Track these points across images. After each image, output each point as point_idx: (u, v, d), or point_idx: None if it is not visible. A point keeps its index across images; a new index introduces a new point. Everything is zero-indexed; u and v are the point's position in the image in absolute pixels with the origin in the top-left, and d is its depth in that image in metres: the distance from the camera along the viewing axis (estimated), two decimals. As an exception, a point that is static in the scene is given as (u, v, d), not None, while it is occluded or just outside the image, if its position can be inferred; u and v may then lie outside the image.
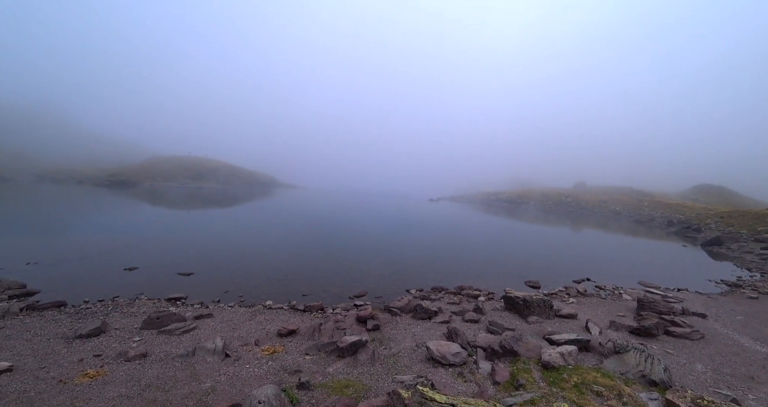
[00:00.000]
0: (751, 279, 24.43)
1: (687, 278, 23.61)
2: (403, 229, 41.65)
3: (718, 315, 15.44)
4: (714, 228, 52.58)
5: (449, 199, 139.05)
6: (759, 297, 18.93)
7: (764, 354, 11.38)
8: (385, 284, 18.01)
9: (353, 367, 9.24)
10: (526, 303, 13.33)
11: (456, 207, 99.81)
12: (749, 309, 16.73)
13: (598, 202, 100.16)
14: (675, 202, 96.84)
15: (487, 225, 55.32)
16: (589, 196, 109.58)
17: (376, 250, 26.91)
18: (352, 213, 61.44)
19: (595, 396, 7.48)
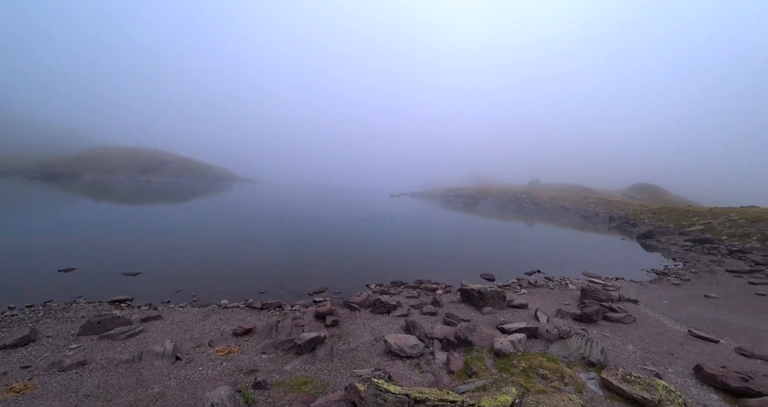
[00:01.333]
0: (675, 267, 27.20)
1: (623, 268, 25.78)
2: (364, 224, 41.80)
3: (648, 300, 17.04)
4: (647, 223, 57.75)
5: (410, 195, 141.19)
6: (681, 284, 21.14)
7: (682, 333, 12.76)
8: (345, 279, 18.01)
9: (311, 364, 9.19)
10: (481, 295, 13.94)
11: (416, 202, 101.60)
12: (673, 294, 18.65)
13: (550, 199, 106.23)
14: (616, 199, 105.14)
15: (446, 221, 56.85)
16: (542, 193, 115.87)
17: (337, 246, 26.80)
18: (313, 208, 60.61)
19: (540, 379, 8.02)
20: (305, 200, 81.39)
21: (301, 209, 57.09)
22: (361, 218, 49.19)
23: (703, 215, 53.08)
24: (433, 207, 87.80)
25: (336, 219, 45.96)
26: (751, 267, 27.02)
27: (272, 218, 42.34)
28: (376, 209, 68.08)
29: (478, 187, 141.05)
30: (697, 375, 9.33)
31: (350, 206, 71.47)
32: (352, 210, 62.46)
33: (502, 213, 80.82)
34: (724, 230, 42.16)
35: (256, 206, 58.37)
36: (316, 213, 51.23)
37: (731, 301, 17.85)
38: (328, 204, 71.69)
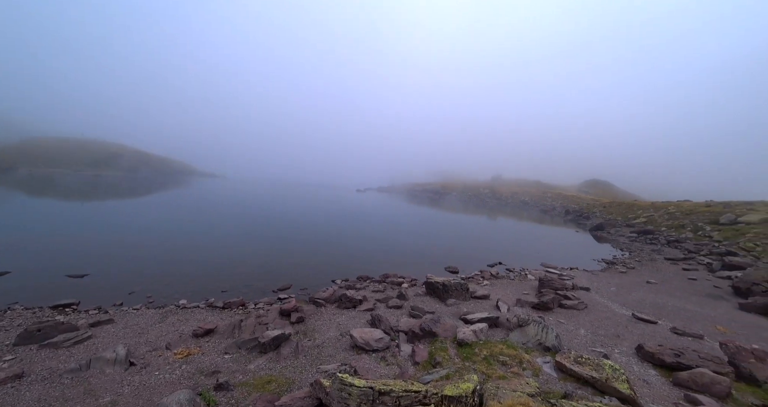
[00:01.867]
0: (622, 257, 29.39)
1: (577, 258, 27.46)
2: (330, 220, 41.47)
3: (598, 287, 18.30)
4: (598, 216, 61.75)
5: (376, 190, 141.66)
6: (627, 272, 22.88)
7: (627, 317, 13.86)
8: (311, 275, 17.82)
9: (276, 362, 9.06)
10: (445, 287, 14.33)
11: (383, 197, 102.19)
12: (620, 281, 20.16)
13: (512, 194, 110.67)
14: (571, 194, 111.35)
15: (411, 215, 57.63)
16: (504, 188, 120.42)
17: (302, 242, 26.41)
18: (278, 203, 59.23)
19: (501, 366, 8.41)
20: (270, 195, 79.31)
21: (265, 205, 55.58)
22: (327, 213, 48.73)
23: (646, 208, 57.58)
24: (399, 201, 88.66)
25: (301, 214, 45.21)
26: (684, 255, 29.72)
27: (235, 214, 40.88)
28: (343, 204, 67.73)
29: (443, 182, 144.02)
30: (639, 353, 10.19)
31: (316, 201, 70.57)
32: (318, 205, 61.71)
33: (466, 207, 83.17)
34: (663, 222, 46.00)
35: (219, 202, 56.10)
36: (281, 209, 50.11)
37: (668, 286, 19.57)
38: (293, 200, 70.36)
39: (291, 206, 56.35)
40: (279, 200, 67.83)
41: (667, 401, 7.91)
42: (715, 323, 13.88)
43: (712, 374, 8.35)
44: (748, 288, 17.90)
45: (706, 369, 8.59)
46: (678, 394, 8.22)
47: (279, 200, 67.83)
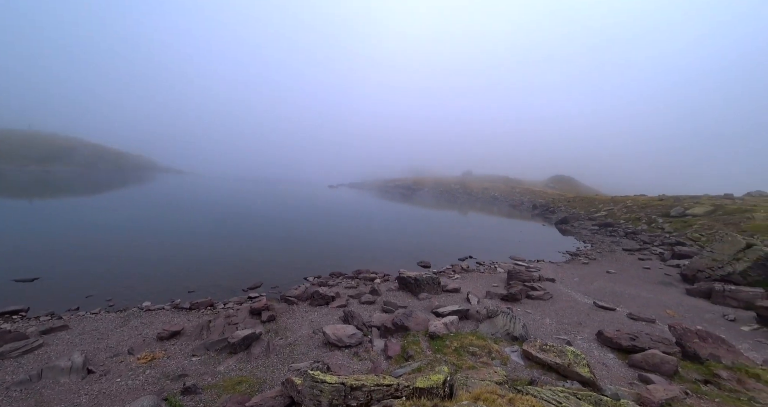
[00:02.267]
0: (585, 249, 30.93)
1: (544, 251, 28.62)
2: (302, 216, 40.88)
3: (563, 278, 19.17)
4: (563, 210, 64.53)
5: (348, 186, 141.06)
6: (589, 263, 24.12)
7: (589, 305, 14.64)
8: (282, 273, 17.52)
9: (246, 362, 8.88)
10: (417, 281, 14.53)
11: (355, 193, 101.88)
12: (582, 272, 21.22)
13: (482, 189, 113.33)
14: (538, 189, 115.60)
15: (384, 211, 57.87)
16: (474, 184, 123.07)
17: (273, 239, 25.89)
18: (247, 200, 57.66)
19: (470, 356, 8.66)
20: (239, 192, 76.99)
21: (234, 201, 53.90)
22: (299, 210, 48.01)
23: (606, 203, 60.80)
24: (371, 197, 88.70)
25: (272, 211, 44.25)
26: (640, 245, 31.70)
27: (202, 211, 39.38)
28: (315, 200, 66.95)
29: (415, 178, 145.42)
30: (599, 339, 10.81)
31: (287, 198, 69.31)
32: (289, 201, 60.65)
33: (437, 202, 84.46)
34: (622, 215, 48.76)
35: (184, 198, 53.82)
36: (250, 206, 48.78)
37: (625, 275, 20.82)
38: (263, 196, 68.70)
39: (261, 203, 55.02)
40: (248, 196, 66.00)
41: (623, 381, 8.46)
42: (666, 308, 14.94)
43: (662, 354, 9.00)
44: (694, 275, 19.37)
45: (657, 351, 9.25)
46: (633, 374, 8.81)
47: (248, 196, 66.00)
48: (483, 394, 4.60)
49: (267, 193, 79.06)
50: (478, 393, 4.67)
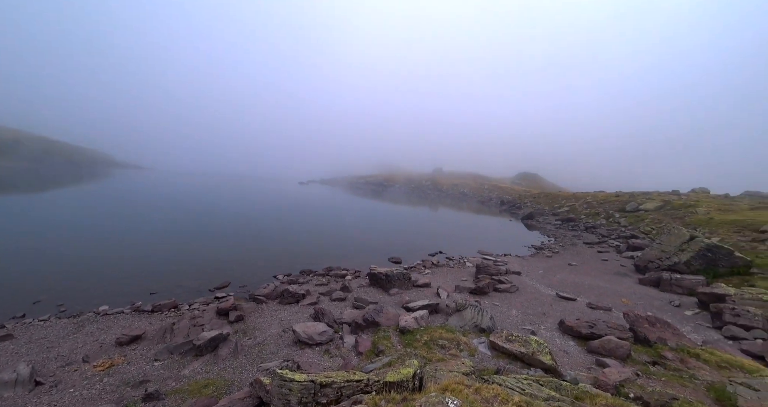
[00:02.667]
0: (549, 242, 32.33)
1: (511, 245, 29.63)
2: (272, 213, 39.97)
3: (528, 271, 19.94)
4: (529, 206, 67.03)
5: (319, 182, 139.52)
6: (552, 256, 25.24)
7: (552, 296, 15.33)
8: (251, 272, 17.10)
9: (213, 364, 8.62)
10: (388, 277, 14.64)
11: (326, 189, 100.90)
12: (546, 264, 22.17)
13: (452, 186, 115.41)
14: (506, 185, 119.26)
15: (355, 207, 57.71)
16: (444, 180, 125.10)
17: (241, 237, 25.17)
18: (214, 197, 55.60)
19: (440, 349, 8.85)
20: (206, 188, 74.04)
21: (201, 198, 51.77)
22: (268, 207, 46.88)
23: (569, 199, 63.76)
24: (342, 194, 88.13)
25: (240, 208, 42.87)
26: (599, 239, 33.55)
27: (164, 209, 37.53)
28: (285, 197, 65.61)
29: (386, 174, 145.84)
30: (561, 328, 11.36)
31: (257, 194, 67.48)
32: (259, 198, 59.07)
33: (408, 199, 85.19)
34: (582, 210, 51.33)
35: (145, 196, 51.03)
36: (218, 203, 47.04)
37: (586, 267, 21.97)
38: (231, 193, 66.45)
39: (229, 200, 53.20)
40: (216, 193, 63.67)
41: (583, 366, 8.95)
42: (621, 296, 15.92)
43: (617, 340, 9.60)
44: (645, 265, 20.76)
45: (613, 337, 9.86)
46: (591, 360, 9.34)
47: (216, 193, 63.67)
48: (450, 385, 4.72)
49: (236, 190, 76.61)
50: (446, 384, 4.79)
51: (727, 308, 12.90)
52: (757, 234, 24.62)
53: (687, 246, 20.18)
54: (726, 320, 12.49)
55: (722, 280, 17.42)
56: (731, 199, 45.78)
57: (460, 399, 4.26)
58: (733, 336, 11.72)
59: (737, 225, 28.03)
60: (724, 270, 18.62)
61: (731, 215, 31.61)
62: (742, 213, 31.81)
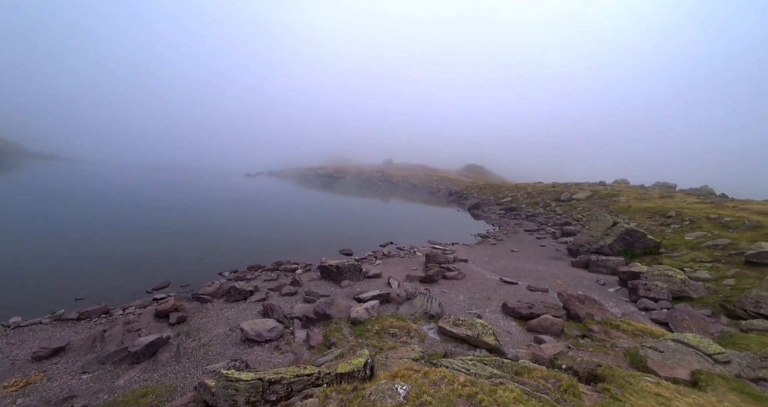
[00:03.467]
0: (493, 231, 34.20)
1: (458, 234, 30.89)
2: (216, 208, 37.69)
3: (474, 258, 20.96)
4: (475, 197, 70.21)
5: (267, 174, 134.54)
6: (497, 243, 26.76)
7: (496, 281, 16.30)
8: (194, 270, 16.09)
9: (153, 371, 8.05)
10: (339, 269, 14.59)
11: (274, 182, 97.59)
12: (491, 252, 23.47)
13: (402, 177, 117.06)
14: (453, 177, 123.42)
15: (305, 200, 56.50)
16: (395, 172, 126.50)
17: (182, 233, 23.50)
18: (152, 191, 51.13)
19: (391, 338, 9.03)
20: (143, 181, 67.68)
21: (136, 192, 47.26)
22: (213, 200, 44.13)
23: (511, 189, 67.71)
24: (291, 186, 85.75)
25: (182, 202, 39.87)
26: (538, 226, 36.14)
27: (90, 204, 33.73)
28: (231, 190, 62.22)
29: (337, 166, 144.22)
30: (504, 310, 12.13)
31: (200, 187, 63.23)
32: (203, 191, 55.42)
33: (359, 190, 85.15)
34: (523, 200, 54.86)
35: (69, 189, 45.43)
36: (156, 197, 43.30)
37: (526, 253, 23.61)
38: (173, 186, 61.52)
39: (169, 193, 49.26)
40: (154, 187, 58.54)
41: (523, 344, 9.66)
42: (556, 278, 17.35)
43: (552, 318, 10.47)
44: (577, 249, 22.81)
45: (549, 315, 10.73)
46: (530, 337, 10.10)
47: (154, 187, 58.54)
48: (400, 371, 4.85)
49: (177, 183, 71.05)
50: (395, 371, 4.91)
51: (641, 284, 14.63)
52: (665, 219, 28.06)
53: (611, 231, 22.46)
54: (640, 294, 14.18)
55: (638, 260, 19.70)
56: (645, 189, 51.60)
57: (409, 384, 4.39)
58: (645, 307, 13.34)
59: (650, 211, 31.70)
60: (640, 251, 21.05)
61: (645, 203, 35.64)
62: (653, 201, 36.00)
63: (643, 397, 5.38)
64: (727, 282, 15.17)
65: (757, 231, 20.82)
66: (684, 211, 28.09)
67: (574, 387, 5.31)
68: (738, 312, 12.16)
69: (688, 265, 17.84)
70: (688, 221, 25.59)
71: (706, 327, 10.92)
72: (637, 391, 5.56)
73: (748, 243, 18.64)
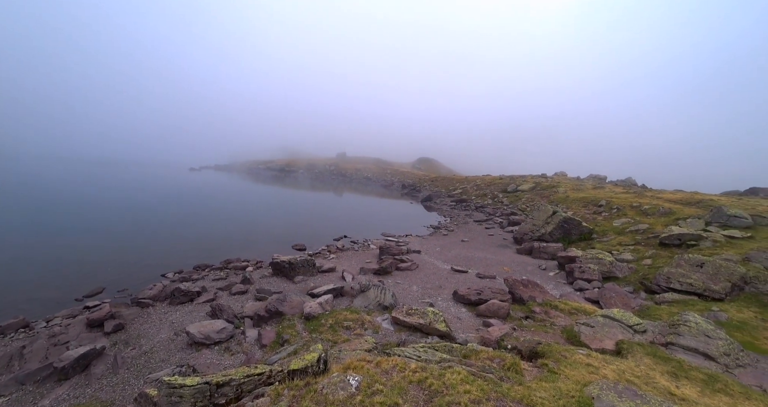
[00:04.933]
0: (445, 222, 35.36)
1: (411, 226, 31.51)
2: (157, 205, 34.96)
3: (427, 249, 21.54)
4: (428, 189, 71.97)
5: (214, 168, 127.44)
6: (448, 234, 27.71)
7: (448, 270, 16.91)
8: (133, 273, 14.88)
9: (85, 386, 7.39)
10: (292, 265, 14.29)
11: (221, 176, 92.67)
12: (443, 242, 24.26)
13: (356, 170, 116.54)
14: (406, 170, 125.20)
15: (255, 195, 54.37)
16: (348, 165, 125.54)
17: (118, 233, 21.55)
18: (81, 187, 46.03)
19: (345, 331, 9.06)
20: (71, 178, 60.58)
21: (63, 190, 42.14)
22: (153, 197, 40.80)
23: (461, 182, 70.31)
24: (240, 180, 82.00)
25: (117, 200, 36.25)
26: (486, 217, 37.95)
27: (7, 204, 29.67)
28: (173, 185, 57.95)
29: (289, 159, 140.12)
30: (455, 297, 12.65)
31: (138, 182, 58.21)
32: (141, 187, 50.98)
33: (312, 184, 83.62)
34: (473, 192, 57.22)
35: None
36: (86, 195, 38.97)
37: (475, 242, 24.70)
38: (105, 182, 55.78)
39: (101, 190, 44.58)
40: (83, 183, 52.71)
41: (473, 329, 10.16)
42: (503, 265, 18.39)
43: (499, 302, 11.11)
44: (521, 237, 24.32)
45: (496, 300, 11.37)
46: (479, 322, 10.64)
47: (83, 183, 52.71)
48: (353, 363, 4.89)
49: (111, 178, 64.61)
50: (348, 363, 4.94)
51: (576, 267, 15.99)
52: (597, 207, 30.80)
53: (551, 219, 24.18)
54: (575, 276, 15.49)
55: (574, 245, 21.45)
56: (581, 180, 56.16)
57: (361, 374, 4.44)
58: (580, 288, 14.61)
59: (584, 201, 34.61)
60: (576, 237, 22.92)
61: (581, 193, 38.82)
62: (587, 192, 39.31)
63: (575, 368, 5.91)
64: (645, 262, 17.05)
65: (669, 216, 23.58)
66: (612, 200, 31.00)
67: (516, 365, 5.70)
68: (654, 287, 13.76)
69: (616, 249, 19.78)
70: (615, 209, 28.27)
71: (629, 302, 12.22)
72: (570, 363, 6.10)
73: (662, 228, 21.06)
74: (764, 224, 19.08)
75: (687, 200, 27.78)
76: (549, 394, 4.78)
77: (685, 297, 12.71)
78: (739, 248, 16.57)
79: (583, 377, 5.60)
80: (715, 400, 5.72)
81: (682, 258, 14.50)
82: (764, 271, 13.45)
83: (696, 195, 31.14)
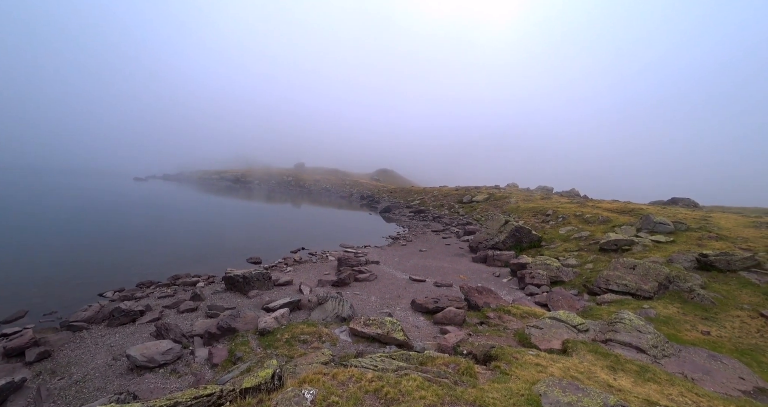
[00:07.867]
0: (403, 232, 35.83)
1: (370, 237, 31.55)
2: (95, 217, 32.03)
3: (386, 259, 21.65)
4: (386, 200, 72.77)
5: (162, 178, 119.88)
6: (406, 244, 28.09)
7: (406, 280, 17.11)
8: (63, 293, 13.42)
9: (0, 423, 6.53)
10: (246, 279, 13.73)
11: (170, 187, 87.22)
12: (401, 252, 24.54)
13: (314, 181, 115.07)
14: (365, 181, 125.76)
15: (208, 206, 51.65)
16: (307, 176, 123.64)
17: (45, 249, 19.35)
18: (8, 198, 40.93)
19: (302, 344, 8.83)
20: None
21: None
22: (90, 209, 37.27)
23: (420, 193, 71.89)
24: (191, 191, 77.58)
25: (48, 212, 32.64)
26: (443, 227, 39.01)
27: None
28: (114, 196, 53.39)
29: (244, 169, 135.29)
30: (413, 306, 12.81)
31: (72, 192, 52.97)
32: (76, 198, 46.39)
33: (269, 195, 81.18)
34: (431, 203, 58.69)
35: None
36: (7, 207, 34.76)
37: (433, 252, 25.25)
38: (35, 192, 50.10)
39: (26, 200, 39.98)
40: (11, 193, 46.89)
41: (430, 336, 10.32)
42: (459, 273, 18.95)
43: (455, 310, 11.41)
44: (476, 246, 25.25)
45: (452, 307, 11.67)
46: (436, 329, 10.85)
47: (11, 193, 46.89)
48: (308, 376, 4.79)
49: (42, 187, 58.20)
50: (303, 377, 4.83)
51: (527, 273, 16.87)
52: (545, 217, 32.86)
53: (503, 228, 25.39)
54: (526, 282, 16.33)
55: (525, 253, 22.65)
56: (530, 191, 59.70)
57: (317, 387, 4.37)
58: (531, 293, 15.42)
59: (534, 210, 36.76)
60: (526, 244, 24.22)
61: (530, 203, 41.21)
62: (536, 202, 41.82)
63: (525, 368, 6.22)
64: (587, 266, 18.41)
65: (607, 224, 25.73)
66: (558, 210, 33.23)
67: (471, 369, 5.89)
68: (595, 289, 14.87)
69: (562, 254, 21.16)
70: (561, 218, 30.31)
71: (574, 304, 13.08)
72: (521, 364, 6.41)
73: (602, 235, 22.91)
74: (683, 229, 21.42)
75: (622, 209, 30.43)
76: (501, 394, 4.99)
77: (621, 298, 13.89)
78: (664, 251, 18.47)
79: (532, 376, 5.91)
80: (646, 388, 6.28)
81: (618, 261, 15.85)
82: (684, 271, 15.07)
83: (629, 204, 34.29)
